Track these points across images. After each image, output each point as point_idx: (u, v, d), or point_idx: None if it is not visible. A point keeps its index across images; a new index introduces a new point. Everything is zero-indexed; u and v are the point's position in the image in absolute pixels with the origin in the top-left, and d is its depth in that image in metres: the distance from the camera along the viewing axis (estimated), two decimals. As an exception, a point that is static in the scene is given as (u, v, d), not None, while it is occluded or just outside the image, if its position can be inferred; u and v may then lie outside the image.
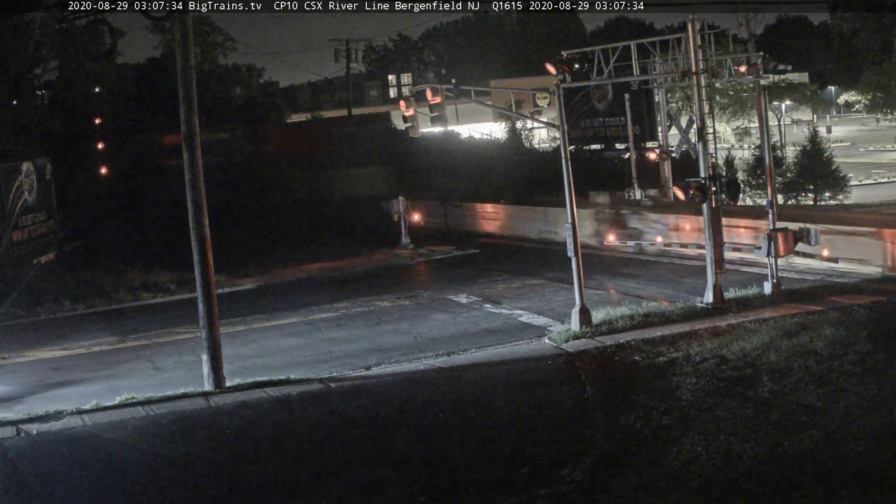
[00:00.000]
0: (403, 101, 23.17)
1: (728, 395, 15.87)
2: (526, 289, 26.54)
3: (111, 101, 59.98)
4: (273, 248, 36.62)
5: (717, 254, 22.21)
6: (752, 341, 18.47)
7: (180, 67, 18.73)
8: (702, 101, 22.43)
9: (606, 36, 67.58)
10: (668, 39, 29.11)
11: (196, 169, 18.81)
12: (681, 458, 13.57)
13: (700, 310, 21.70)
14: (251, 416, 17.08)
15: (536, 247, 33.39)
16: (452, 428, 15.89)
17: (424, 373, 19.09)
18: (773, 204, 23.26)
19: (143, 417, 17.24)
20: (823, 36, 65.75)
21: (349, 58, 62.33)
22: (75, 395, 18.96)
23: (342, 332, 23.11)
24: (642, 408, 15.72)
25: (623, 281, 26.49)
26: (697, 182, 22.06)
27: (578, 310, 21.01)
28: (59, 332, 25.00)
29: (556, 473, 13.43)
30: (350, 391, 18.24)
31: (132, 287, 29.48)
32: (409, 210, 35.29)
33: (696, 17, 22.73)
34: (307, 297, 27.55)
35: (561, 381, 17.97)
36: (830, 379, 16.09)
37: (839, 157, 47.81)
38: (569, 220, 21.40)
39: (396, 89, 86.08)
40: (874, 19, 53.17)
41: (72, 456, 15.59)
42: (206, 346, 18.82)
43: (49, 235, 37.05)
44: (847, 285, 23.35)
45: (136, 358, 22.00)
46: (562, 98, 22.17)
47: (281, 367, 20.06)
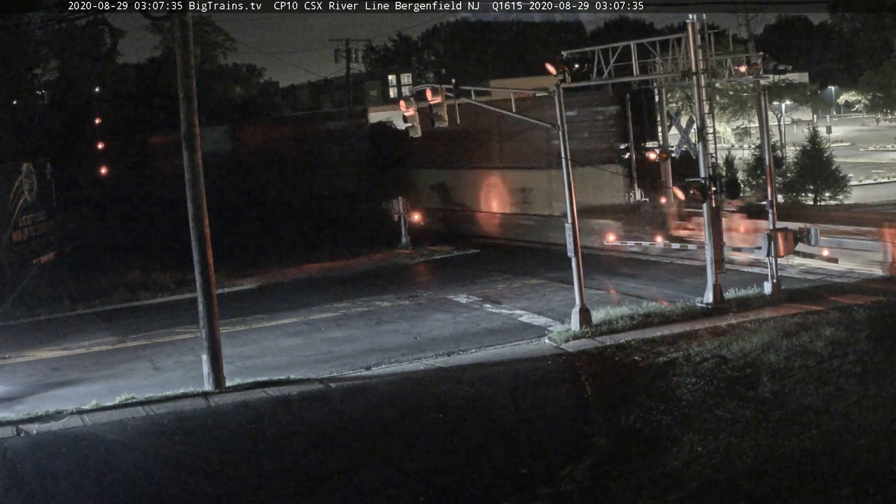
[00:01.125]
0: (403, 100, 23.16)
1: (728, 395, 15.87)
2: (526, 289, 26.54)
3: (111, 101, 60.03)
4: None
5: (717, 254, 22.21)
6: (752, 341, 18.47)
7: (180, 67, 18.73)
8: (702, 101, 22.43)
9: (606, 36, 67.58)
10: (668, 39, 29.02)
11: (196, 169, 18.82)
12: (681, 458, 13.57)
13: (700, 310, 21.69)
14: (251, 416, 17.08)
15: (536, 247, 33.37)
16: (452, 428, 15.89)
17: (424, 373, 19.09)
18: (773, 204, 23.25)
19: (143, 417, 17.25)
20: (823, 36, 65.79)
21: (349, 58, 62.30)
22: (75, 395, 18.96)
23: (342, 332, 23.11)
24: (642, 408, 15.72)
25: (623, 281, 26.48)
26: (697, 182, 22.06)
27: (578, 310, 21.01)
28: (59, 332, 24.99)
29: (556, 473, 13.42)
30: (350, 391, 18.24)
31: (132, 287, 29.46)
32: (409, 210, 35.28)
33: (696, 17, 22.72)
34: (307, 297, 27.55)
35: (561, 381, 17.96)
36: (830, 379, 16.09)
37: (839, 157, 47.74)
38: (568, 221, 21.40)
39: (396, 89, 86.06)
40: (874, 19, 53.13)
41: (72, 456, 15.59)
42: (206, 346, 18.82)
43: (49, 235, 37.08)
44: (847, 285, 23.36)
45: (136, 358, 22.00)
46: (562, 98, 22.16)
47: (281, 367, 20.06)
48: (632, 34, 37.42)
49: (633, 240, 28.84)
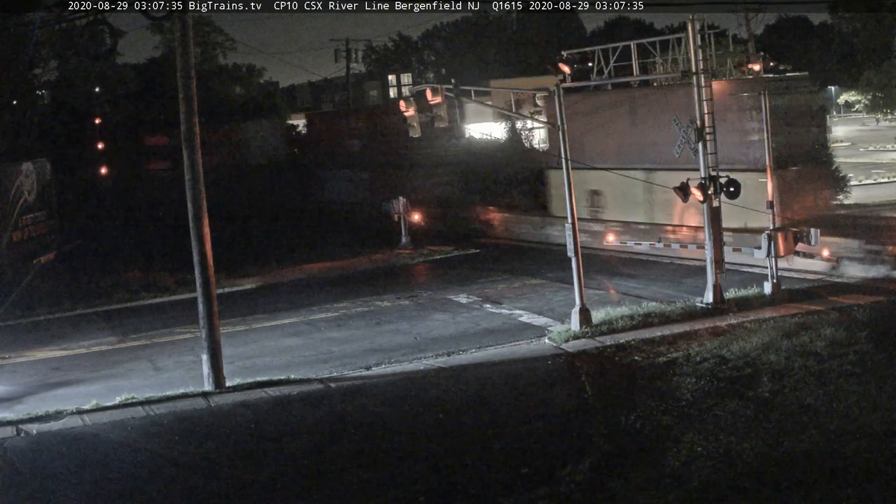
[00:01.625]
0: (403, 101, 23.17)
1: (728, 395, 15.87)
2: (526, 289, 26.55)
3: (111, 101, 60.01)
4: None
5: (717, 254, 22.22)
6: (752, 341, 18.47)
7: (180, 67, 18.74)
8: (702, 101, 22.43)
9: (606, 36, 67.53)
10: (668, 39, 29.11)
11: (196, 169, 18.82)
12: (681, 458, 13.57)
13: (700, 310, 21.70)
14: (251, 416, 17.08)
15: (536, 247, 33.38)
16: (452, 428, 15.89)
17: (424, 373, 19.09)
18: (773, 204, 23.26)
19: (143, 417, 17.25)
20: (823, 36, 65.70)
21: (349, 58, 62.32)
22: (75, 395, 18.97)
23: (342, 332, 23.11)
24: (642, 407, 15.72)
25: (623, 281, 26.49)
26: (697, 182, 22.05)
27: (578, 310, 21.01)
28: (59, 332, 25.00)
29: (556, 473, 13.43)
30: (350, 391, 18.25)
31: (132, 287, 29.48)
32: (409, 210, 35.27)
33: (696, 17, 22.73)
34: (307, 297, 27.56)
35: (561, 381, 17.96)
36: (830, 379, 16.10)
37: (839, 157, 47.73)
38: (568, 221, 21.40)
39: (396, 89, 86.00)
40: (874, 19, 53.08)
41: (72, 456, 15.59)
42: (206, 346, 18.82)
43: (49, 235, 37.09)
44: (847, 285, 23.36)
45: (136, 358, 22.00)
46: (562, 98, 22.16)
47: (281, 367, 20.07)
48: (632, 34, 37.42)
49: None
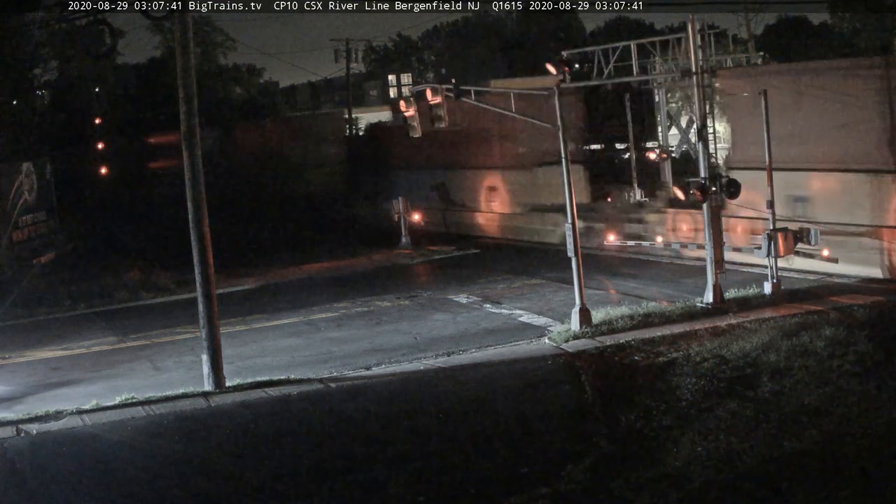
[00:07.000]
0: (403, 101, 23.17)
1: (728, 395, 15.86)
2: (526, 289, 26.54)
3: (111, 101, 60.01)
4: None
5: (717, 254, 22.21)
6: (752, 341, 18.46)
7: (180, 67, 18.73)
8: (702, 101, 22.43)
9: (606, 36, 67.48)
10: (668, 39, 29.14)
11: (196, 169, 18.81)
12: (681, 458, 13.57)
13: (700, 310, 21.69)
14: (251, 416, 17.08)
15: (536, 247, 33.37)
16: (452, 428, 15.89)
17: (424, 373, 19.09)
18: (773, 204, 23.24)
19: (143, 417, 17.25)
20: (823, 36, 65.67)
21: (349, 58, 62.26)
22: (75, 395, 18.97)
23: (342, 332, 23.11)
24: (642, 408, 15.71)
25: (623, 281, 26.48)
26: (697, 182, 22.06)
27: (578, 310, 21.01)
28: (59, 332, 25.00)
29: (556, 473, 13.42)
30: (350, 391, 18.24)
31: (132, 287, 29.47)
32: (409, 210, 35.27)
33: (696, 17, 22.73)
34: (307, 297, 27.55)
35: (561, 381, 17.96)
36: (830, 379, 16.08)
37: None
38: (568, 220, 21.39)
39: (396, 89, 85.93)
40: (874, 19, 53.08)
41: (72, 456, 15.59)
42: (206, 346, 18.81)
43: (49, 235, 37.09)
44: (847, 285, 23.35)
45: (136, 358, 22.00)
46: (560, 98, 22.15)
47: (281, 367, 20.06)
48: (632, 34, 37.42)
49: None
